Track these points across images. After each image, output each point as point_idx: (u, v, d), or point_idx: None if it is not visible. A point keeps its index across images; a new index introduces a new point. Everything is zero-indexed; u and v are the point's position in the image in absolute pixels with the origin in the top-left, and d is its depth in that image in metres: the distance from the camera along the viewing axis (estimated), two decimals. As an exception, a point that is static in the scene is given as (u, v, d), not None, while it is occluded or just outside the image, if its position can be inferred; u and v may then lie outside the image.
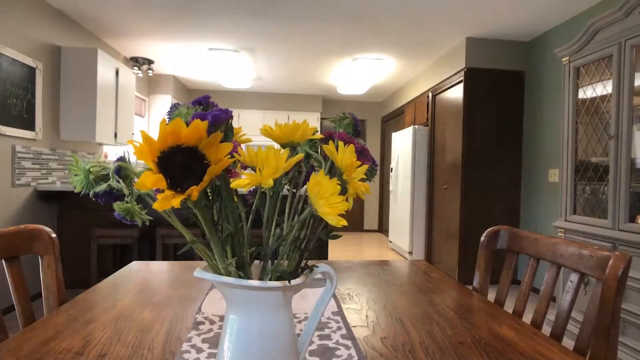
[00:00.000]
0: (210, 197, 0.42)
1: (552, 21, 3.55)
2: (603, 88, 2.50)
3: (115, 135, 4.02)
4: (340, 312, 0.94)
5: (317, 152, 0.54)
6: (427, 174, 4.99)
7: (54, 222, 3.50)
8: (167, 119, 0.41)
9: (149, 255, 3.46)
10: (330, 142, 0.38)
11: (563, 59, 2.80)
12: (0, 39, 2.81)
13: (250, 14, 3.55)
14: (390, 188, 5.90)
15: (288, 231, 0.39)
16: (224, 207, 0.40)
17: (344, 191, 0.41)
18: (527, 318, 0.91)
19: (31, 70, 3.14)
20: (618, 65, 2.35)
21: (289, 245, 0.43)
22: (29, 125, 3.13)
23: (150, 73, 5.24)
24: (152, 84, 5.73)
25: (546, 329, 2.35)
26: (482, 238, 1.19)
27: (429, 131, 4.96)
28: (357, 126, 0.48)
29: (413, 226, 5.05)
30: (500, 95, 4.07)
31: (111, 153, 4.71)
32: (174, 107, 0.40)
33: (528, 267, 1.05)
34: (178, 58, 4.97)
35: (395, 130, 6.56)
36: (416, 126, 5.03)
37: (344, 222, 0.34)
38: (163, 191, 0.31)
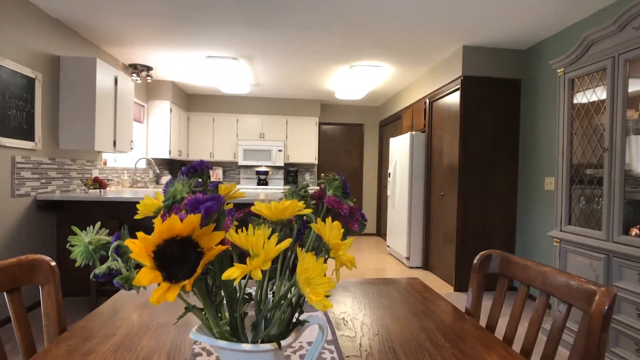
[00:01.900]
0: (205, 265, 0.45)
1: (547, 31, 3.58)
2: (597, 100, 2.52)
3: (114, 143, 4.04)
4: (334, 341, 0.96)
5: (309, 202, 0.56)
6: (424, 180, 5.02)
7: (53, 231, 3.52)
8: (164, 194, 0.43)
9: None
10: (319, 220, 0.40)
11: (558, 71, 2.83)
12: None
13: (249, 23, 3.57)
14: (388, 193, 5.92)
15: (278, 301, 0.42)
16: (217, 277, 0.43)
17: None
18: (523, 324, 0.93)
19: (30, 81, 3.16)
20: (612, 79, 2.37)
21: (282, 310, 0.45)
22: (29, 135, 3.15)
23: (149, 79, 5.26)
24: (151, 89, 5.75)
25: (542, 337, 2.37)
26: (475, 261, 1.22)
27: (426, 137, 4.99)
28: (346, 188, 0.50)
29: (410, 231, 5.07)
30: (496, 103, 4.10)
31: (110, 160, 4.73)
32: (170, 183, 0.42)
33: (518, 293, 1.07)
34: (177, 65, 4.99)
35: (393, 135, 6.58)
36: (413, 132, 5.06)
37: (331, 306, 0.36)
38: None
